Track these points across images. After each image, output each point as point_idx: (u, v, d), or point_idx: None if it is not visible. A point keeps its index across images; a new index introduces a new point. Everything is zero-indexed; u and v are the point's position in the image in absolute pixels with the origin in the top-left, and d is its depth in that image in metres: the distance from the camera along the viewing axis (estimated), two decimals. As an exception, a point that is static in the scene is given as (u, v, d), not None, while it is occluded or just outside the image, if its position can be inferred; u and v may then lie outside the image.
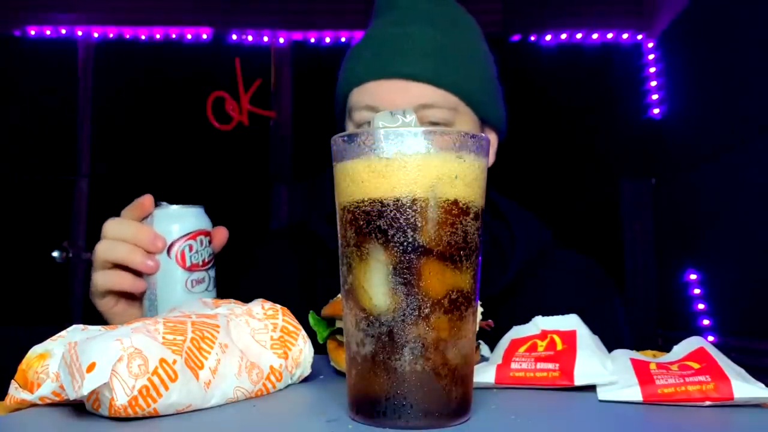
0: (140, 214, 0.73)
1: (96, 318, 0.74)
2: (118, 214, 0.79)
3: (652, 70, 2.96)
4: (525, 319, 0.69)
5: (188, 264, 0.72)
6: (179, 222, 0.72)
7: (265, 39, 3.09)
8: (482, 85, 0.96)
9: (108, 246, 0.71)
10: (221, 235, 0.77)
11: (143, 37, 3.08)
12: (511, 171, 1.06)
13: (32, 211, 2.99)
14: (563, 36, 3.03)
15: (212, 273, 0.75)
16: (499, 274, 0.95)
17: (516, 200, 1.08)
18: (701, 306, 2.52)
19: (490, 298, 0.85)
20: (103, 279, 0.72)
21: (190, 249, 0.72)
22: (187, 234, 0.72)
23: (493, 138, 1.03)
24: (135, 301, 0.75)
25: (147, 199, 0.72)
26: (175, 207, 0.73)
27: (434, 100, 0.91)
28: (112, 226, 0.72)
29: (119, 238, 0.71)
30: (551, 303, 0.74)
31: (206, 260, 0.73)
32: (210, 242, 0.75)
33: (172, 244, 0.71)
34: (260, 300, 0.61)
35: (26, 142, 3.03)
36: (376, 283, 0.45)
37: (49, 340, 0.51)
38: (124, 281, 0.72)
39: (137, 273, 0.72)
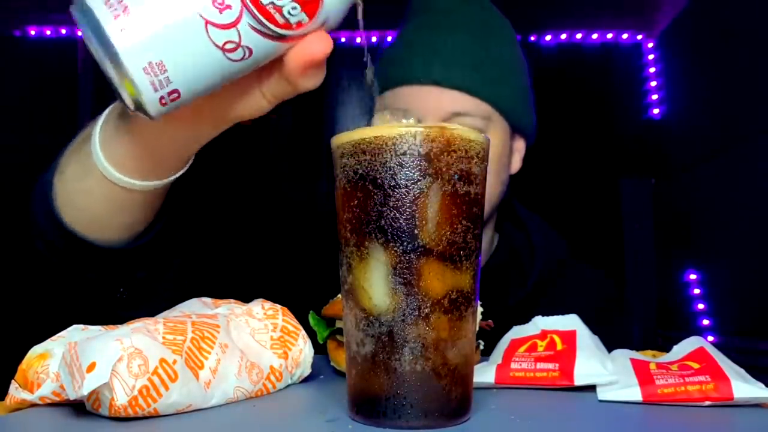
0: None
1: None
2: None
3: (652, 70, 2.96)
4: None
5: None
6: None
7: (265, 39, 3.10)
8: (515, 93, 0.96)
9: None
10: None
11: (143, 37, 3.08)
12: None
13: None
14: (563, 36, 3.03)
15: None
16: (518, 286, 0.94)
17: (516, 200, 1.08)
18: (701, 306, 2.52)
19: (507, 309, 0.84)
20: None
21: None
22: None
23: (521, 144, 1.02)
24: None
25: None
26: None
27: (468, 108, 0.90)
28: None
29: None
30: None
31: None
32: None
33: None
34: (260, 300, 0.61)
35: (26, 143, 3.03)
36: (376, 283, 0.45)
37: (49, 340, 0.51)
38: None
39: None
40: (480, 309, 0.65)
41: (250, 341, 0.56)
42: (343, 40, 3.07)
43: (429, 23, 0.95)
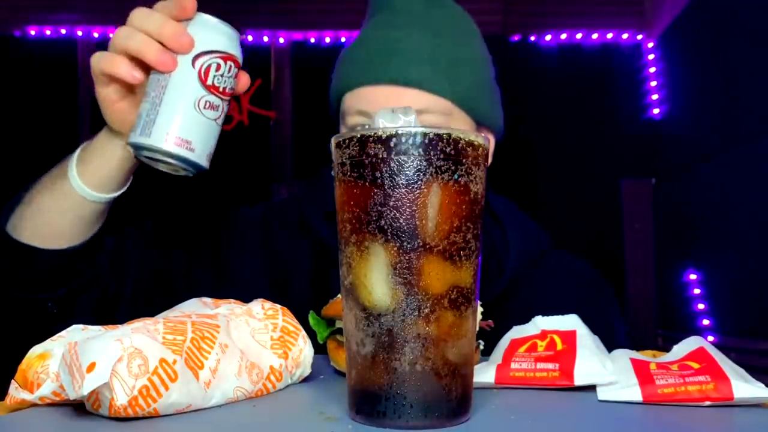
0: (177, 14, 0.64)
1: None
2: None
3: (652, 70, 2.96)
4: (519, 323, 0.69)
5: (209, 82, 0.64)
6: (217, 36, 0.65)
7: (265, 39, 3.09)
8: (476, 88, 0.95)
9: (126, 33, 0.64)
10: (246, 79, 0.70)
11: (143, 37, 3.08)
12: (511, 171, 1.06)
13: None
14: (563, 36, 3.03)
15: (226, 107, 0.68)
16: (495, 280, 0.95)
17: (516, 201, 1.08)
18: (701, 306, 2.52)
19: (485, 303, 0.84)
20: (98, 59, 0.67)
21: (218, 68, 0.64)
22: (221, 52, 0.64)
23: (489, 139, 1.02)
24: (133, 95, 0.70)
25: (190, 1, 0.64)
26: (216, 20, 0.65)
27: (427, 105, 0.90)
28: (139, 14, 0.65)
29: (142, 28, 0.64)
30: (543, 306, 0.74)
31: (227, 89, 0.66)
32: (236, 76, 0.67)
33: (200, 54, 0.63)
34: (260, 300, 0.61)
35: (26, 143, 3.03)
36: (376, 282, 0.45)
37: (49, 340, 0.51)
38: (120, 66, 0.65)
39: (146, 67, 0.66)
40: (480, 309, 0.65)
41: (250, 341, 0.56)
42: (343, 39, 3.07)
43: (386, 22, 0.95)
